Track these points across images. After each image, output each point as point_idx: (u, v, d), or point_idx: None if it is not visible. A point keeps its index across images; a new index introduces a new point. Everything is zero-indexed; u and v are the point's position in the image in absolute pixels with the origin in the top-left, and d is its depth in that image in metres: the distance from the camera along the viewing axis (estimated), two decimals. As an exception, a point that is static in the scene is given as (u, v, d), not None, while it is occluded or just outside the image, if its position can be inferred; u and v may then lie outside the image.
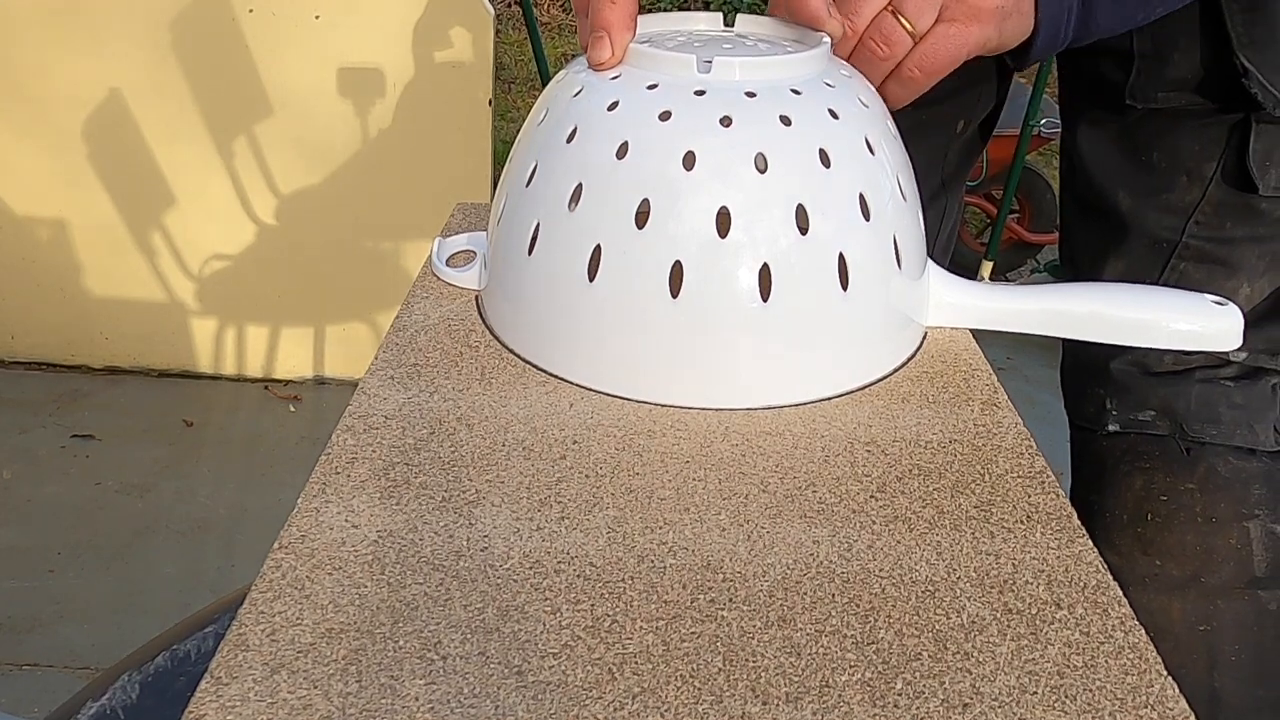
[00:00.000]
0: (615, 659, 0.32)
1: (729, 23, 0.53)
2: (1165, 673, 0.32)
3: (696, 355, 0.45)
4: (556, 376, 0.47)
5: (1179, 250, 0.71)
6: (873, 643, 0.33)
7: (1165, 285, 0.68)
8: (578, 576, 0.35)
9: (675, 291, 0.44)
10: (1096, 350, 0.75)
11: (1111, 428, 0.75)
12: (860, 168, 0.45)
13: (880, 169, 0.46)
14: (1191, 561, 0.71)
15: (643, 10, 0.50)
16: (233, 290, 2.03)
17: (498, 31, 1.96)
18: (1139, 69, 0.68)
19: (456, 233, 0.60)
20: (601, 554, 0.36)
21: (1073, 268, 0.82)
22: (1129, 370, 0.74)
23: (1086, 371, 0.77)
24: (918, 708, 0.30)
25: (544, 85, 0.52)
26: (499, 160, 1.94)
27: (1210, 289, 0.53)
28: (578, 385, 0.46)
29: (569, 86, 0.48)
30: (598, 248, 0.44)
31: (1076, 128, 0.76)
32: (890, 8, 0.52)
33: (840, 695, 0.31)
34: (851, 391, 0.47)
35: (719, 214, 0.43)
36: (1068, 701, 0.31)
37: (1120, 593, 0.35)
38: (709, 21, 0.53)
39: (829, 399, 0.46)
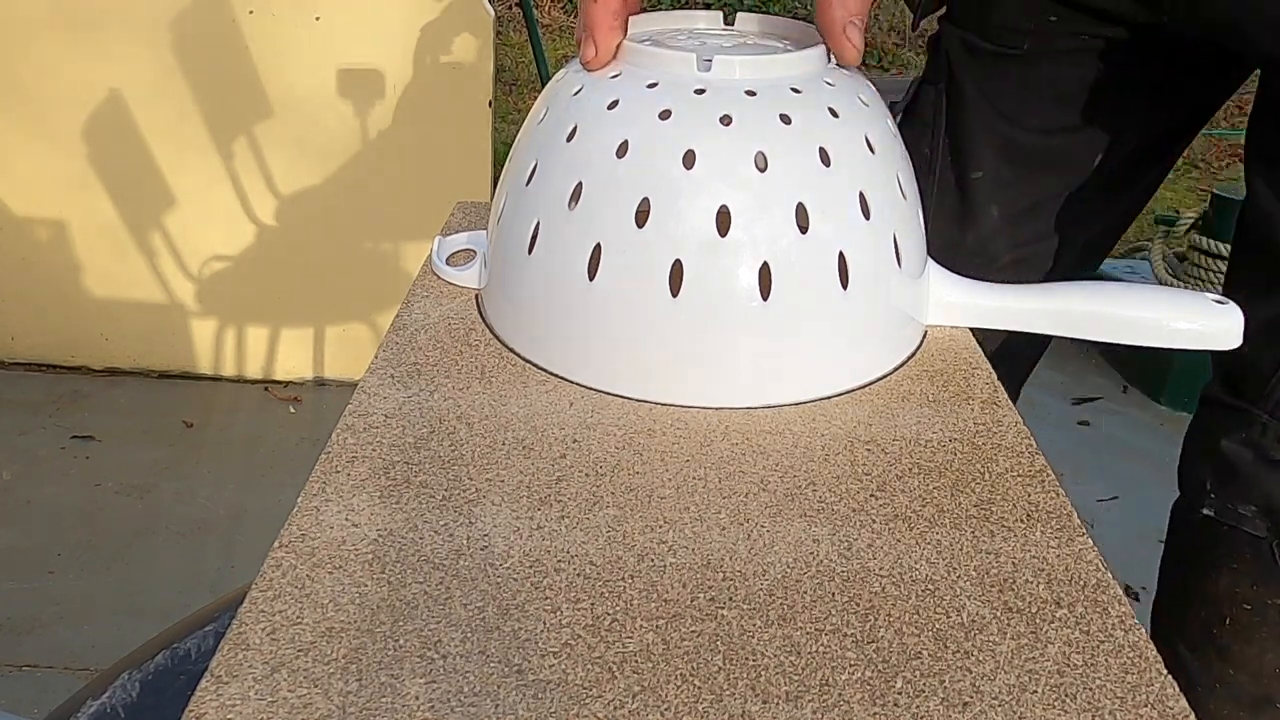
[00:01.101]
0: (615, 658, 0.32)
1: (729, 21, 0.53)
2: (1165, 671, 0.32)
3: (696, 354, 0.45)
4: (556, 375, 0.47)
5: None
6: (873, 641, 0.33)
7: None
8: (578, 575, 0.35)
9: (675, 290, 0.44)
10: (1216, 421, 0.66)
11: (1207, 511, 0.65)
12: (860, 166, 0.45)
13: (880, 168, 0.46)
14: (1269, 682, 0.63)
15: (643, 9, 0.50)
16: (233, 291, 2.03)
17: (499, 33, 1.96)
18: None
19: (456, 231, 0.60)
20: (601, 553, 0.36)
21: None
22: (1240, 450, 0.63)
23: (1201, 441, 0.68)
24: (918, 706, 0.30)
25: (544, 87, 0.52)
26: (499, 162, 1.94)
27: None
28: (578, 384, 0.46)
29: (569, 85, 0.48)
30: (598, 246, 0.44)
31: (1260, 159, 0.66)
32: None
33: (840, 694, 0.31)
34: (852, 390, 0.47)
35: (719, 213, 0.43)
36: (1068, 700, 0.31)
37: (1120, 591, 0.35)
38: (709, 20, 0.53)
39: (829, 398, 0.46)
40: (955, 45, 0.75)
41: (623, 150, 0.44)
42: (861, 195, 0.45)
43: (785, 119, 0.44)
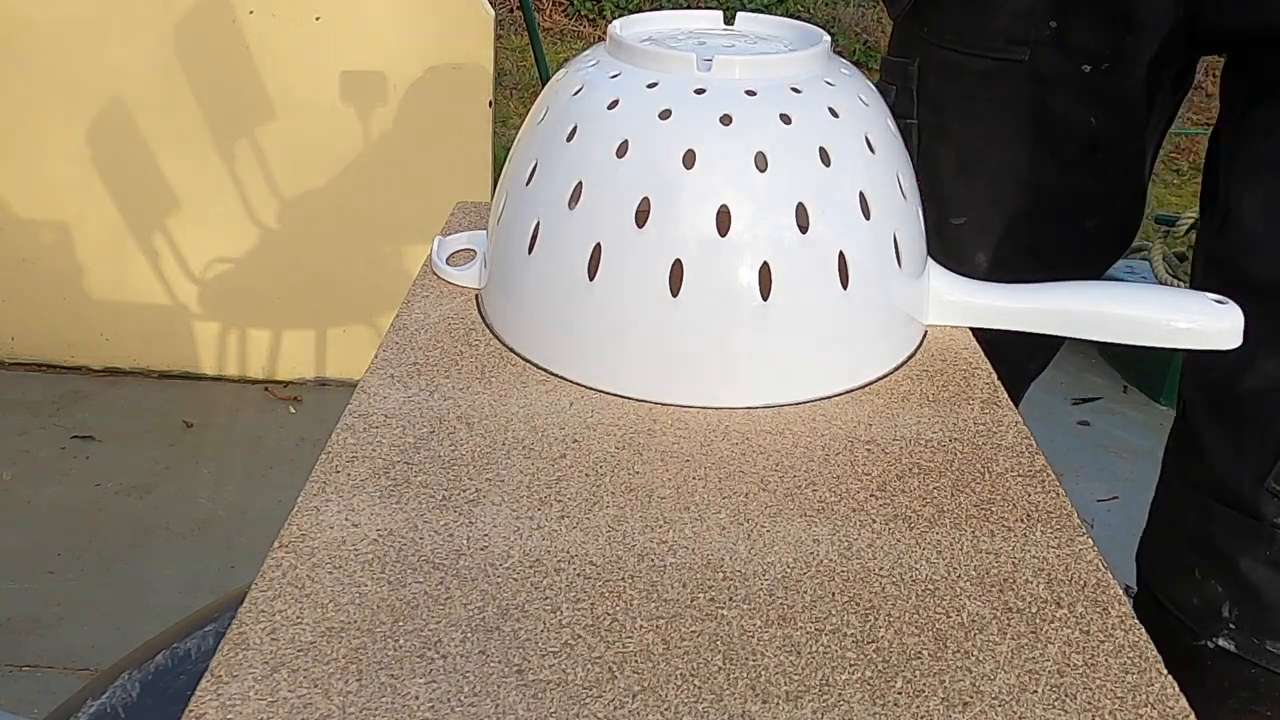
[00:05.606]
0: (615, 657, 0.32)
1: (729, 20, 0.53)
2: (1165, 671, 0.32)
3: (696, 354, 0.45)
4: (556, 375, 0.47)
5: None
6: (873, 641, 0.33)
7: None
8: (578, 575, 0.35)
9: (675, 290, 0.44)
10: (1215, 529, 0.54)
11: (1223, 644, 0.53)
12: (861, 166, 0.45)
13: (881, 167, 0.46)
14: None
15: (644, 9, 0.50)
16: (233, 291, 2.03)
17: (499, 36, 1.96)
18: None
19: (456, 231, 0.60)
20: (601, 552, 0.36)
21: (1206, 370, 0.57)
22: (1267, 573, 0.50)
23: (1195, 548, 0.55)
24: (918, 706, 0.30)
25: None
26: (499, 165, 1.93)
27: None
28: (577, 384, 0.46)
29: (569, 85, 0.48)
30: (598, 246, 0.44)
31: (1239, 168, 0.54)
32: None
33: (840, 694, 0.31)
34: (852, 390, 0.47)
35: (719, 212, 0.43)
36: (1068, 700, 0.31)
37: (1120, 591, 0.35)
38: (709, 20, 0.53)
39: (829, 397, 0.46)
40: (931, 69, 0.68)
41: (623, 150, 0.44)
42: (861, 195, 0.45)
43: (785, 119, 0.44)
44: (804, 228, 0.44)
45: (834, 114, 0.45)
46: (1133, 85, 0.65)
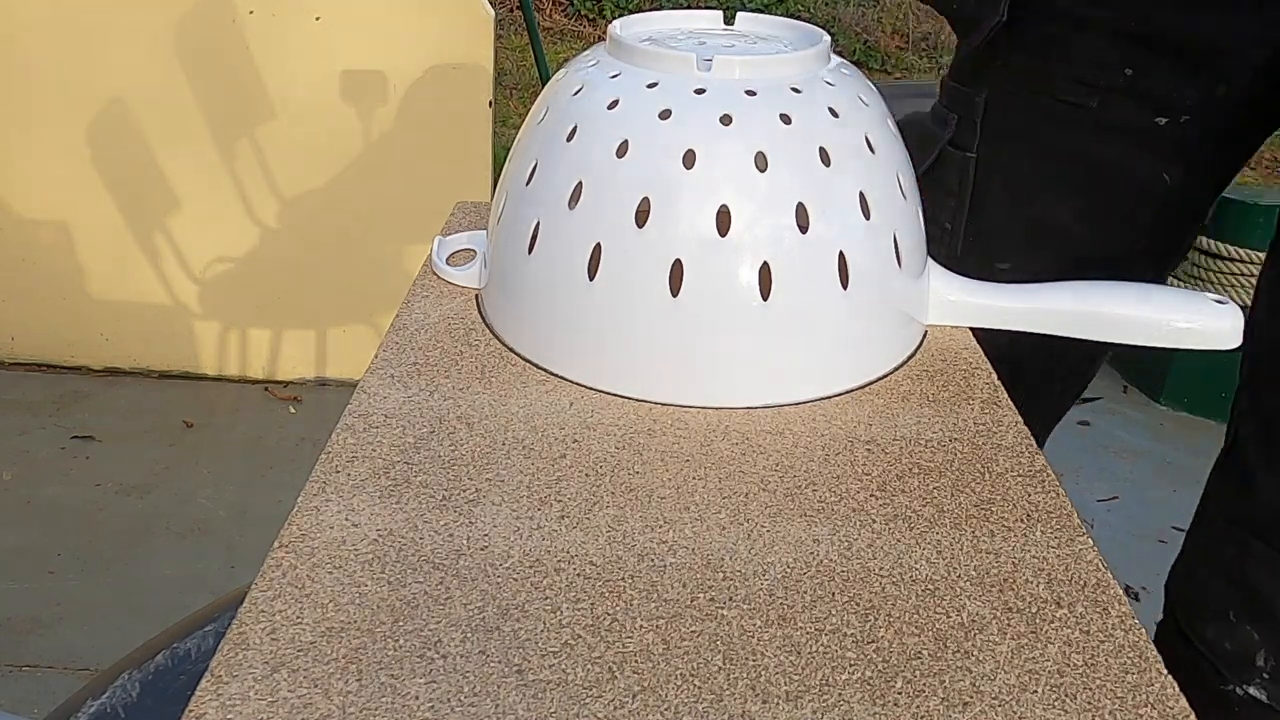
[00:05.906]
0: (615, 657, 0.32)
1: (729, 21, 0.53)
2: (1165, 671, 0.32)
3: (696, 354, 0.45)
4: (556, 375, 0.47)
5: None
6: (873, 641, 0.33)
7: None
8: (578, 575, 0.35)
9: (675, 290, 0.44)
10: (1256, 571, 0.52)
11: (1254, 692, 0.52)
12: (861, 166, 0.45)
13: (881, 168, 0.46)
14: None
15: (643, 9, 0.50)
16: (233, 291, 2.03)
17: (499, 36, 1.96)
18: None
19: (456, 231, 0.60)
20: (601, 552, 0.36)
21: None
22: None
23: (1233, 589, 0.53)
24: (918, 706, 0.30)
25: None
26: (499, 165, 1.94)
27: None
28: (577, 384, 0.46)
29: (569, 85, 0.48)
30: (598, 246, 0.44)
31: None
32: None
33: (840, 694, 0.31)
34: (852, 390, 0.47)
35: (719, 213, 0.43)
36: (1068, 700, 0.31)
37: (1120, 591, 0.35)
38: (709, 20, 0.53)
39: (829, 397, 0.46)
40: (996, 104, 0.66)
41: (623, 150, 0.44)
42: (861, 195, 0.45)
43: (785, 119, 0.44)
44: (804, 228, 0.44)
45: (834, 114, 0.45)
46: (1214, 140, 0.62)
